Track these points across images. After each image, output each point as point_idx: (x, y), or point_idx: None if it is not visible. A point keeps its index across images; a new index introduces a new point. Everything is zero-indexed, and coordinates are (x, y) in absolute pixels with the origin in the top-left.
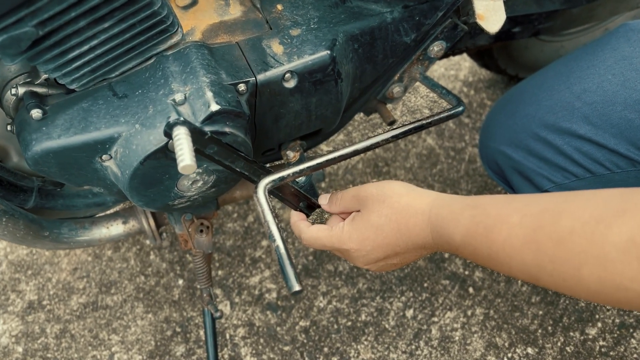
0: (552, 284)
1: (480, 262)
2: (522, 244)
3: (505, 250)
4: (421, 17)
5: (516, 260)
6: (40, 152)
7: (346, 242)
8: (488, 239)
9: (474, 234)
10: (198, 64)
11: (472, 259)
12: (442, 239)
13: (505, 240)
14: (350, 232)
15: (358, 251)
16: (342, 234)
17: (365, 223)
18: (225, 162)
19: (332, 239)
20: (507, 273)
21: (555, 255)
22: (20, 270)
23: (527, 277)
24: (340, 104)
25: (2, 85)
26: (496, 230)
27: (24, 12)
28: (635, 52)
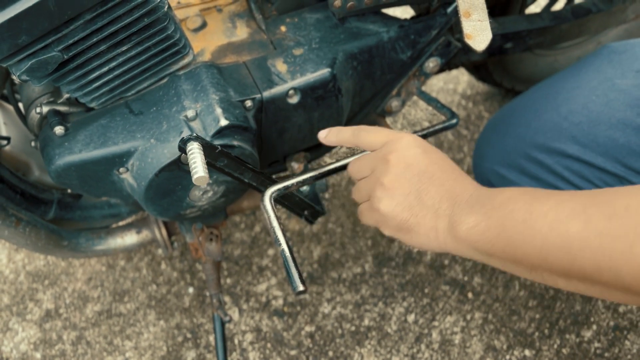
0: (590, 261)
1: (510, 231)
2: (569, 216)
3: (547, 218)
4: (416, 35)
5: (557, 231)
6: (62, 165)
7: (406, 134)
8: (531, 205)
9: (516, 198)
10: (208, 83)
11: (498, 230)
12: (479, 193)
13: (550, 209)
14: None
15: (410, 145)
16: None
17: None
18: (234, 174)
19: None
20: (538, 248)
21: (606, 230)
22: (38, 280)
23: (561, 254)
24: (341, 118)
25: (27, 105)
26: (542, 200)
27: (51, 38)
28: (617, 73)
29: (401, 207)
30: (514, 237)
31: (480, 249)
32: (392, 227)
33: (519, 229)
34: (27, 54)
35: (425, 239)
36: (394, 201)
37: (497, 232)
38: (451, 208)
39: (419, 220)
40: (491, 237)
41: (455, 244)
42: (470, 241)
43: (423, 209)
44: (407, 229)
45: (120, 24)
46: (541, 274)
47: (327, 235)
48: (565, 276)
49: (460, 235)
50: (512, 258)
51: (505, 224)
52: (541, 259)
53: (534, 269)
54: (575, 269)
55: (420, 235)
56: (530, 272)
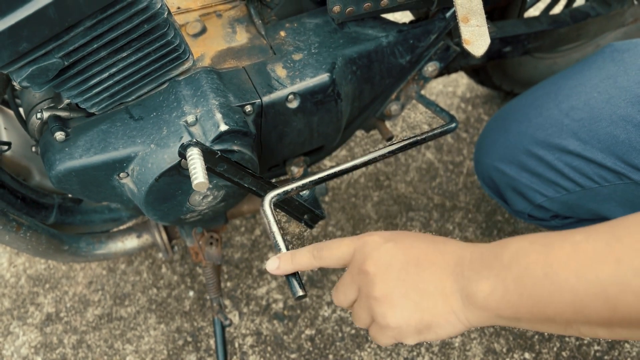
0: (635, 305)
1: (533, 290)
2: (594, 259)
3: (570, 267)
4: (415, 40)
5: (587, 280)
6: (63, 171)
7: (369, 235)
8: (547, 256)
9: (528, 250)
10: (208, 88)
11: (520, 291)
12: (480, 254)
13: (570, 257)
14: (375, 233)
15: (378, 244)
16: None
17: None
18: (234, 179)
19: (352, 239)
20: (570, 302)
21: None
22: (39, 284)
23: (598, 303)
24: (341, 122)
25: (28, 110)
26: (557, 246)
27: (52, 45)
28: (619, 71)
29: (408, 311)
30: (539, 295)
31: (505, 316)
32: (412, 333)
33: (543, 285)
34: (28, 60)
35: (450, 327)
36: (397, 309)
37: (518, 294)
38: (456, 282)
39: (433, 312)
40: (514, 301)
41: (478, 317)
42: (492, 309)
43: (430, 299)
44: (428, 327)
45: (121, 31)
46: (578, 328)
47: (327, 239)
48: (606, 325)
49: (480, 306)
50: (543, 318)
51: (526, 283)
52: (576, 313)
53: (569, 324)
54: (618, 317)
55: (443, 326)
56: (566, 329)
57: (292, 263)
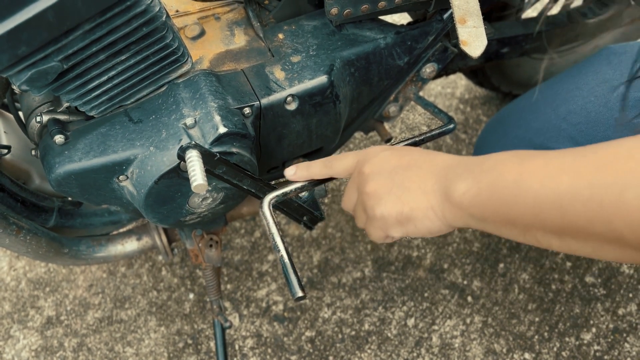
0: (582, 214)
1: (501, 193)
2: (559, 171)
3: (537, 176)
4: (412, 41)
5: (548, 188)
6: (62, 174)
7: (371, 147)
8: (520, 165)
9: (505, 160)
10: (206, 90)
11: (490, 192)
12: (465, 162)
13: (539, 168)
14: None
15: (377, 152)
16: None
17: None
18: (233, 181)
19: (351, 154)
20: (530, 206)
21: (595, 180)
22: (39, 288)
23: (553, 209)
24: (339, 124)
25: (28, 114)
26: (531, 159)
27: (51, 48)
28: (616, 75)
29: (391, 203)
30: (506, 198)
31: (475, 214)
32: (394, 224)
33: (511, 189)
34: (27, 64)
35: (428, 221)
36: (382, 202)
37: (488, 195)
38: (438, 182)
39: (413, 206)
40: (484, 201)
41: (454, 215)
42: (464, 207)
43: (410, 194)
44: (407, 219)
45: (119, 34)
46: (534, 234)
47: (326, 240)
48: (558, 234)
49: (455, 203)
50: (505, 220)
51: (497, 186)
52: (534, 217)
53: (528, 229)
54: (567, 224)
55: (421, 219)
56: (524, 234)
57: (307, 171)
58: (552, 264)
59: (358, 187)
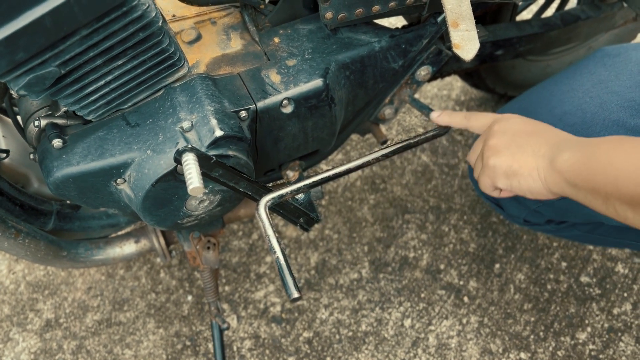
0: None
1: (593, 162)
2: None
3: (626, 152)
4: (407, 44)
5: (631, 162)
6: (61, 177)
7: (503, 114)
8: (618, 142)
9: (610, 139)
10: (203, 94)
11: (585, 161)
12: (582, 139)
13: (632, 147)
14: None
15: (510, 117)
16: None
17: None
18: (229, 183)
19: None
20: (613, 177)
21: None
22: (38, 291)
23: (631, 180)
24: (335, 127)
25: (26, 118)
26: (630, 140)
27: (48, 54)
28: (610, 76)
29: (505, 157)
30: (595, 168)
31: (569, 180)
32: (502, 175)
33: (601, 160)
34: (25, 69)
35: (530, 180)
36: (498, 154)
37: (583, 164)
38: (550, 150)
39: (521, 163)
40: (578, 167)
41: (553, 179)
42: (562, 172)
43: (524, 155)
44: (514, 174)
45: (116, 39)
46: (613, 204)
47: (324, 242)
48: (632, 205)
49: (556, 168)
50: (591, 187)
51: (591, 157)
52: (614, 188)
53: (608, 198)
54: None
55: (525, 176)
56: (605, 204)
57: (449, 118)
58: (547, 264)
59: (485, 140)
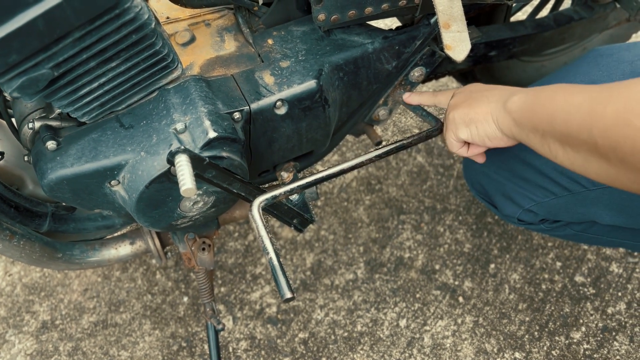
0: (577, 122)
1: (536, 102)
2: (581, 90)
3: (566, 94)
4: (400, 46)
5: (566, 101)
6: (55, 179)
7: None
8: (563, 87)
9: (560, 85)
10: (197, 96)
11: (530, 102)
12: (521, 89)
13: (574, 91)
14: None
15: (470, 84)
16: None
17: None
18: (223, 185)
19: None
20: (549, 114)
21: (598, 96)
22: (34, 292)
23: (562, 117)
24: (329, 128)
25: (20, 120)
26: (576, 86)
27: (41, 56)
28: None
29: (463, 108)
30: (536, 107)
31: (515, 119)
32: (461, 124)
33: (543, 100)
34: (18, 72)
35: (486, 124)
36: (458, 107)
37: (528, 104)
38: (503, 96)
39: (477, 110)
40: (524, 107)
41: (504, 120)
42: (511, 111)
43: (480, 103)
44: (471, 120)
45: (109, 41)
46: (548, 142)
47: (319, 243)
48: (562, 142)
49: (506, 109)
50: (532, 125)
51: (536, 97)
52: (549, 125)
53: (544, 136)
54: (567, 131)
55: (481, 121)
56: (541, 141)
57: (418, 97)
58: (542, 264)
59: (448, 105)
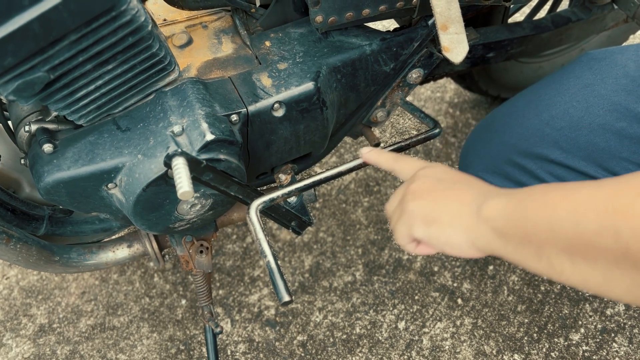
0: (593, 224)
1: (524, 205)
2: (580, 186)
3: (560, 191)
4: (398, 48)
5: (568, 198)
6: (51, 182)
7: (432, 163)
8: (553, 187)
9: (543, 187)
10: (194, 98)
11: (515, 206)
12: (510, 190)
13: (565, 186)
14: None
15: (436, 165)
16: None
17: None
18: (220, 187)
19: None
20: (547, 217)
21: (613, 190)
22: (31, 296)
23: (568, 219)
24: (327, 130)
25: (17, 123)
26: (565, 185)
27: (37, 59)
28: (597, 80)
29: (426, 201)
30: (527, 211)
31: (497, 227)
32: (420, 222)
33: (533, 203)
34: (14, 75)
35: (451, 229)
36: (419, 198)
37: (514, 208)
38: (476, 199)
39: (443, 210)
40: (508, 212)
41: (476, 228)
42: (490, 218)
43: (447, 200)
44: (433, 220)
45: (105, 44)
46: (548, 254)
47: (318, 245)
48: (569, 252)
49: (482, 216)
50: (522, 234)
51: (523, 201)
52: (549, 231)
53: (541, 247)
54: (579, 236)
55: (445, 225)
56: (538, 254)
57: (377, 158)
58: None
59: (407, 185)
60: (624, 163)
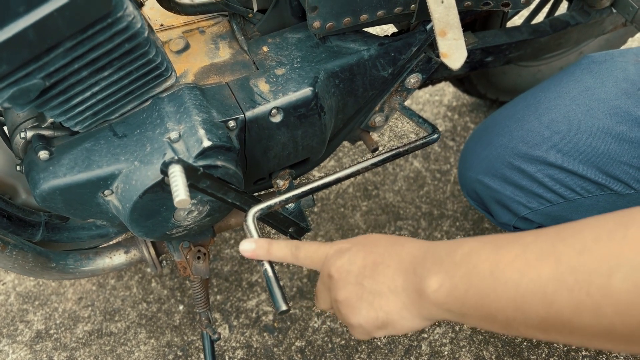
0: (568, 302)
1: (479, 286)
2: (538, 258)
3: (515, 265)
4: (396, 52)
5: (529, 277)
6: (47, 189)
7: (339, 242)
8: (496, 255)
9: (478, 250)
10: (191, 104)
11: (466, 286)
12: (433, 253)
13: (516, 256)
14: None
15: (342, 252)
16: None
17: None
18: (217, 194)
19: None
20: (512, 299)
21: (579, 265)
22: (28, 301)
23: (536, 300)
24: (325, 135)
25: (12, 130)
26: (507, 247)
27: (32, 66)
28: (597, 83)
29: (365, 311)
30: (484, 291)
31: (453, 310)
32: (374, 330)
33: (488, 282)
34: (9, 82)
35: (405, 322)
36: (355, 310)
37: (464, 290)
38: (407, 280)
39: (385, 309)
40: (460, 296)
41: (429, 311)
42: (440, 303)
43: (382, 298)
44: (385, 324)
45: (101, 51)
46: (517, 328)
47: None
48: (542, 328)
49: (429, 300)
50: (486, 314)
51: (472, 279)
52: (516, 310)
53: (510, 323)
54: (553, 315)
55: (398, 321)
56: (506, 328)
57: (267, 252)
58: None
59: (330, 291)
60: (624, 167)
